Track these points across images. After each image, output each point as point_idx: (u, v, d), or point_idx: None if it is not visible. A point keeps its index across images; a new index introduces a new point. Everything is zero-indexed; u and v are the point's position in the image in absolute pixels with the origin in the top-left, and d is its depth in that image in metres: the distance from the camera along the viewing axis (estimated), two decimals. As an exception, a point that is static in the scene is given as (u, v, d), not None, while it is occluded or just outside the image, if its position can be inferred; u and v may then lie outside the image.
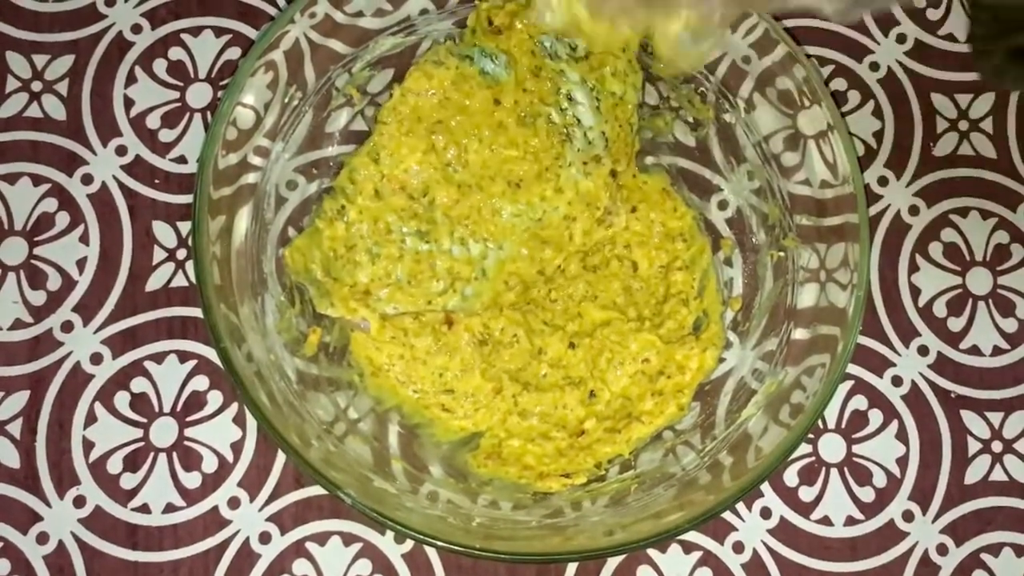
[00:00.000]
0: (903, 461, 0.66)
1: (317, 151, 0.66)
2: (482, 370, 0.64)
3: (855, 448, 0.67)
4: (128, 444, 0.64)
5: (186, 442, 0.64)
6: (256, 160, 0.62)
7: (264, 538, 0.63)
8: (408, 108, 0.65)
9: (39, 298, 0.66)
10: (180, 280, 0.67)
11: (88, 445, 0.64)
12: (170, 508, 0.63)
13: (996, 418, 0.68)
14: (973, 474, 0.67)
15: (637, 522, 0.57)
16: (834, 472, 0.66)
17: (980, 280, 0.70)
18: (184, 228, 0.68)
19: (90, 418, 0.64)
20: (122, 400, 0.65)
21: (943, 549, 0.65)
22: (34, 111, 0.69)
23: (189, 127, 0.70)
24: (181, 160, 0.69)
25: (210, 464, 0.64)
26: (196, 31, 0.71)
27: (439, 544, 0.54)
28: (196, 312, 0.66)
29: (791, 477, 0.66)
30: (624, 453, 0.63)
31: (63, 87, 0.70)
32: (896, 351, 0.68)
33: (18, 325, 0.65)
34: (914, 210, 0.71)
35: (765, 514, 0.65)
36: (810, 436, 0.66)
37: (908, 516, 0.66)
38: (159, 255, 0.67)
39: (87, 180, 0.68)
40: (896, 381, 0.68)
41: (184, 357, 0.65)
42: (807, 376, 0.60)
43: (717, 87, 0.66)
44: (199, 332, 0.66)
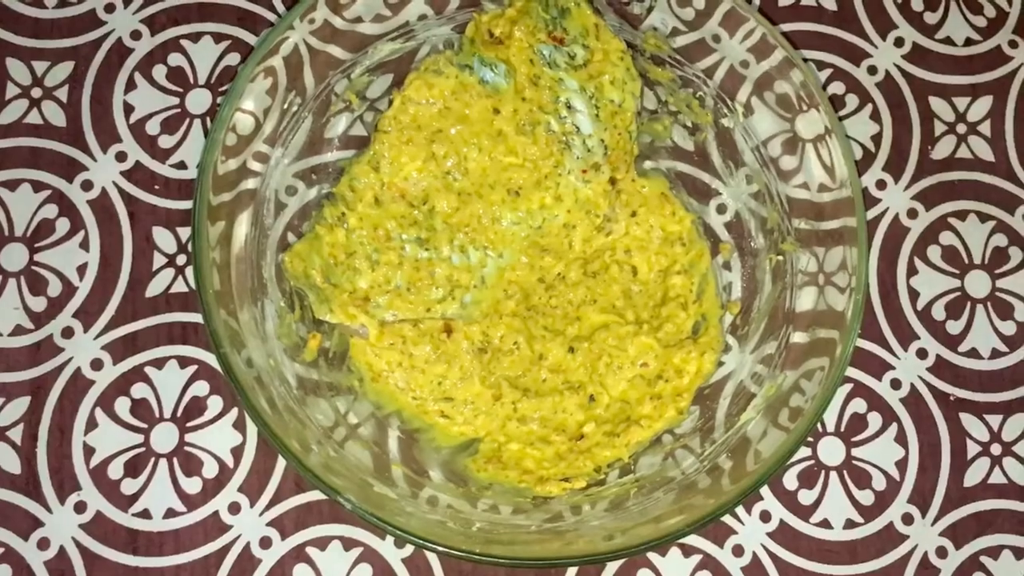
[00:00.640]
0: (902, 464, 0.67)
1: (316, 156, 0.66)
2: (481, 377, 0.64)
3: (854, 451, 0.67)
4: (129, 450, 0.64)
5: (186, 447, 0.64)
6: (256, 166, 0.62)
7: (265, 543, 0.63)
8: (408, 117, 0.65)
9: (39, 304, 0.66)
10: (180, 286, 0.67)
11: (89, 451, 0.64)
12: (171, 513, 0.63)
13: (995, 421, 0.68)
14: (972, 477, 0.67)
15: (637, 526, 0.57)
16: (833, 475, 0.66)
17: (979, 283, 0.70)
18: (184, 234, 0.68)
19: (91, 424, 0.64)
20: (123, 406, 0.65)
21: (943, 552, 0.65)
22: (34, 117, 0.69)
23: (189, 133, 0.70)
24: (181, 166, 0.69)
25: (211, 469, 0.64)
26: (195, 37, 0.71)
27: (439, 549, 0.55)
28: (196, 318, 0.66)
29: (790, 480, 0.66)
30: (623, 457, 0.63)
31: (63, 93, 0.70)
32: (895, 354, 0.68)
33: (19, 331, 0.66)
34: (912, 213, 0.71)
35: (765, 517, 0.65)
36: (809, 439, 0.66)
37: (907, 519, 0.66)
38: (159, 261, 0.67)
39: (87, 186, 0.68)
40: (895, 384, 0.68)
41: (184, 363, 0.66)
42: (806, 380, 0.59)
43: (715, 91, 0.66)
44: (199, 338, 0.66)
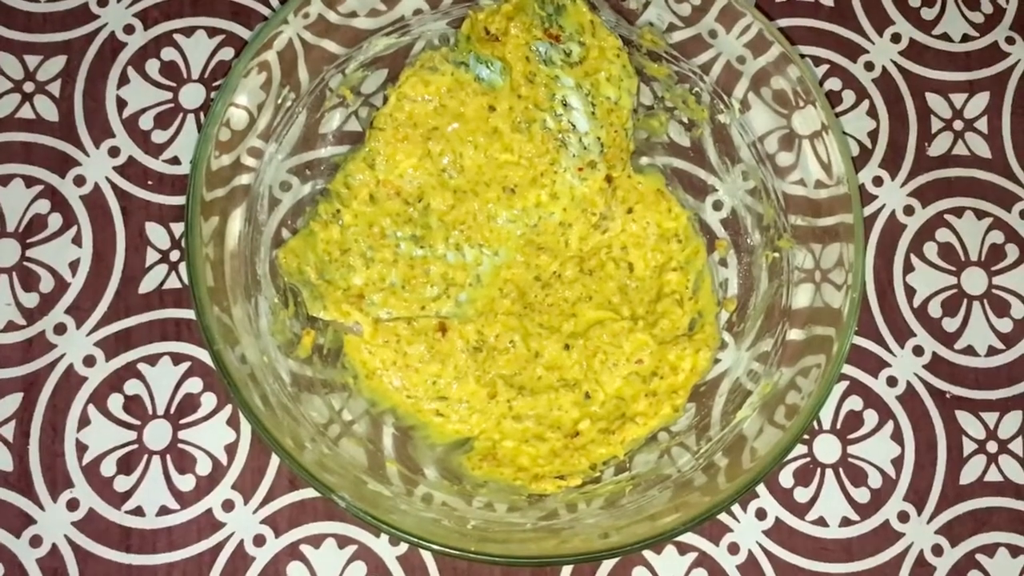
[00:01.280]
0: (898, 462, 0.66)
1: (311, 152, 0.66)
2: (476, 376, 0.64)
3: (850, 449, 0.66)
4: (122, 447, 0.64)
5: (180, 444, 0.64)
6: (249, 161, 0.62)
7: (258, 541, 0.63)
8: (404, 114, 0.65)
9: (32, 300, 0.66)
10: (173, 282, 0.66)
11: (81, 448, 0.63)
12: (164, 511, 0.63)
13: (991, 418, 0.68)
14: (968, 475, 0.67)
15: (632, 524, 0.57)
16: (829, 473, 0.66)
17: (975, 280, 0.70)
18: (177, 229, 0.67)
19: (83, 421, 0.64)
20: (115, 402, 0.64)
21: (938, 550, 0.65)
22: (26, 112, 0.69)
23: (182, 128, 0.69)
24: (174, 161, 0.69)
25: (204, 466, 0.64)
26: (189, 31, 0.71)
27: (434, 547, 0.54)
28: (189, 314, 0.66)
29: (786, 478, 0.66)
30: (619, 454, 0.63)
31: (55, 88, 0.69)
32: (891, 351, 0.68)
33: (11, 327, 0.65)
34: (909, 210, 0.71)
35: (760, 515, 0.65)
36: (805, 437, 0.66)
37: (903, 517, 0.66)
38: (152, 257, 0.67)
39: (80, 181, 0.68)
40: (891, 382, 0.68)
41: (177, 359, 0.65)
42: (802, 377, 0.59)
43: (712, 87, 0.66)
44: (192, 334, 0.66)
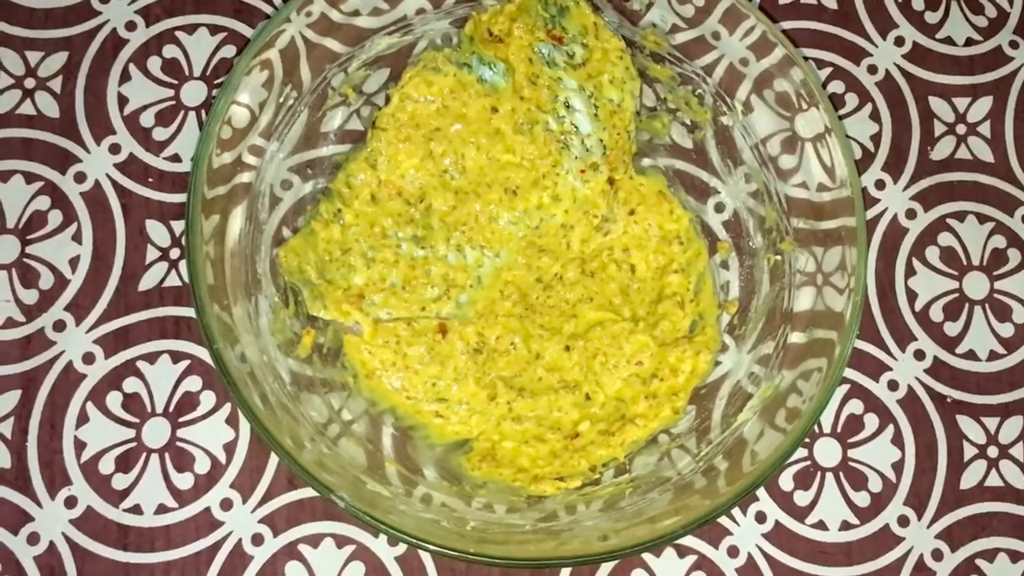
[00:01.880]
0: (899, 466, 0.66)
1: (312, 151, 0.65)
2: (476, 378, 0.64)
3: (851, 453, 0.66)
4: (120, 444, 0.63)
5: (178, 443, 0.64)
6: (251, 159, 0.61)
7: (256, 540, 0.63)
8: (406, 115, 0.65)
9: (31, 297, 0.65)
10: (173, 280, 0.66)
11: (80, 445, 0.63)
12: (162, 509, 0.63)
13: (992, 423, 0.67)
14: (969, 479, 0.66)
15: (632, 526, 0.57)
16: (829, 477, 0.66)
17: (977, 285, 0.70)
18: (178, 227, 0.67)
19: (82, 418, 0.64)
20: (114, 400, 0.64)
21: (938, 554, 0.65)
22: (27, 108, 0.69)
23: (183, 125, 0.69)
24: (175, 159, 0.69)
25: (202, 465, 0.63)
26: (191, 29, 0.71)
27: (432, 548, 0.54)
28: (189, 312, 0.66)
29: (786, 481, 0.66)
30: (618, 456, 0.63)
31: (56, 84, 0.69)
32: (892, 355, 0.68)
33: (10, 324, 0.65)
34: (911, 214, 0.71)
35: (760, 518, 0.65)
36: (806, 440, 0.66)
37: (903, 521, 0.65)
38: (152, 254, 0.67)
39: (80, 178, 0.68)
40: (892, 385, 0.68)
41: (177, 357, 0.65)
42: (803, 380, 0.59)
43: (715, 89, 0.66)
44: (192, 332, 0.65)
